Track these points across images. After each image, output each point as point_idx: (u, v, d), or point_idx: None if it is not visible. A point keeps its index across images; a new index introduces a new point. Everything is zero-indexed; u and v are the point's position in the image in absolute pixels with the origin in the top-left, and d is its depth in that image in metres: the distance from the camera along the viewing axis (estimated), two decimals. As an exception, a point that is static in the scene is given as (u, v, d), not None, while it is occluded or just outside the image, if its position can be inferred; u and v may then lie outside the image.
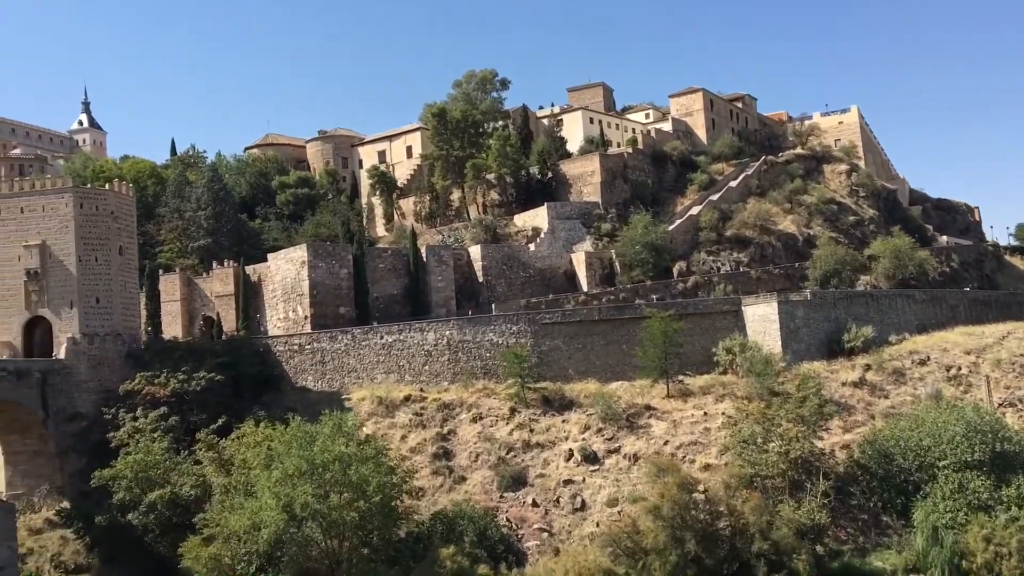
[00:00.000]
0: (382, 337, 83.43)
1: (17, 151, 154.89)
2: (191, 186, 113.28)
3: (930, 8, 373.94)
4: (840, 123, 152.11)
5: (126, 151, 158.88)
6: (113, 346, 78.46)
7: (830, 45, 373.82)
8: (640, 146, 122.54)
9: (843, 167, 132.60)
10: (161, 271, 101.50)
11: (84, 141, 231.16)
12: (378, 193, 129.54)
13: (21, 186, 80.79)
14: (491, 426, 75.07)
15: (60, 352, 75.96)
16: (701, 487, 59.72)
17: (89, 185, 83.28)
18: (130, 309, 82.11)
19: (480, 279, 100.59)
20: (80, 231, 77.44)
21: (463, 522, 61.87)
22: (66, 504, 71.41)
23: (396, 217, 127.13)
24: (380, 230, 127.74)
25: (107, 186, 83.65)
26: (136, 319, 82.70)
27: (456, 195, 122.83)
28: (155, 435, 69.98)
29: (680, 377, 76.85)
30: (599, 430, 72.61)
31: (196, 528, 60.64)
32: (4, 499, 65.96)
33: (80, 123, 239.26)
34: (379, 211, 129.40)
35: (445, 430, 75.38)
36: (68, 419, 74.49)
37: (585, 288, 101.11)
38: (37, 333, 79.20)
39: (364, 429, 68.07)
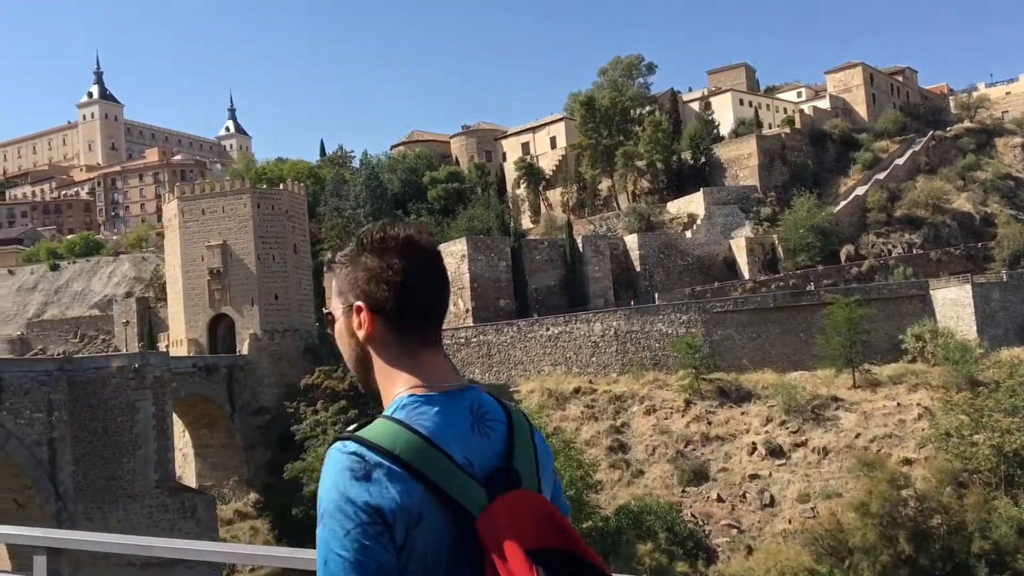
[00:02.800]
0: (548, 329, 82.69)
1: (178, 158, 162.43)
2: (348, 184, 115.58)
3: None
4: (1008, 93, 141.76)
5: (270, 154, 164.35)
6: (291, 341, 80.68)
7: (992, 10, 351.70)
8: (798, 125, 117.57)
9: (1018, 140, 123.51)
10: (324, 268, 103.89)
11: (232, 146, 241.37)
12: (524, 185, 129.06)
13: (202, 188, 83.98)
14: (666, 418, 73.23)
15: (243, 348, 78.59)
16: (913, 482, 56.20)
17: (266, 186, 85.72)
18: (305, 305, 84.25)
19: (637, 268, 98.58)
20: (258, 230, 79.90)
21: (650, 517, 60.40)
22: (254, 496, 73.81)
23: (543, 208, 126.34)
24: (526, 222, 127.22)
25: (280, 186, 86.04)
26: (310, 315, 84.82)
27: (605, 184, 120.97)
28: (336, 428, 71.38)
29: (866, 366, 72.96)
30: (782, 422, 69.71)
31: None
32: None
33: (227, 129, 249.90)
34: (525, 203, 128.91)
35: (618, 422, 74.03)
36: (253, 413, 76.98)
37: (746, 275, 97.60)
38: (220, 330, 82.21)
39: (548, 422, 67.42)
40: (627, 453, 71.22)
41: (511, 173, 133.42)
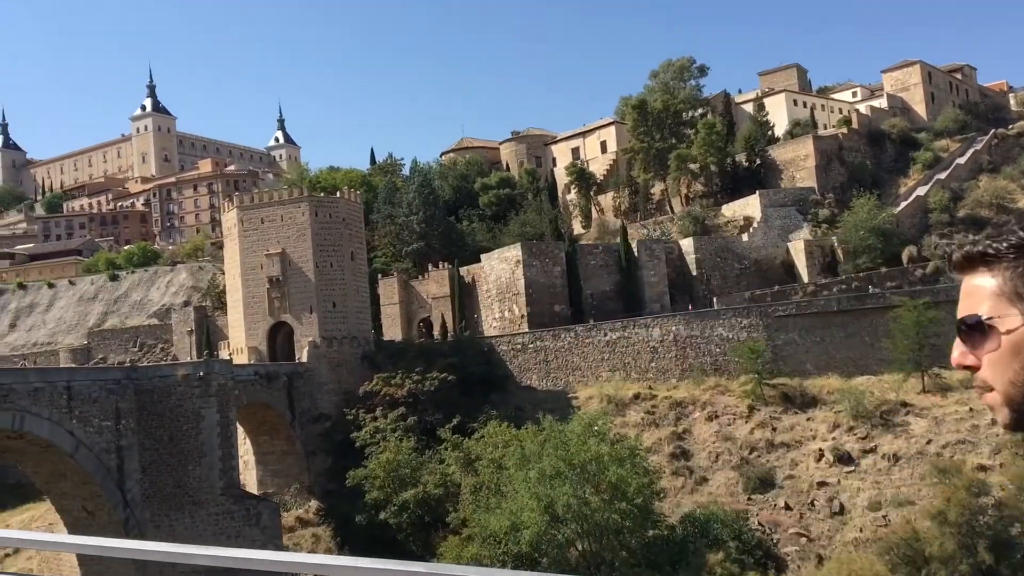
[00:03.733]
0: (605, 334, 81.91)
1: (231, 168, 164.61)
2: (400, 192, 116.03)
3: None
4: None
5: (319, 164, 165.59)
6: (349, 349, 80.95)
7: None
8: (855, 125, 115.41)
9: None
10: (379, 275, 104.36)
11: (281, 156, 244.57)
12: (575, 190, 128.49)
13: (260, 197, 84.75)
14: (729, 424, 71.98)
15: (302, 355, 79.01)
16: (991, 489, 54.44)
17: (323, 194, 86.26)
18: (362, 313, 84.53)
19: (694, 272, 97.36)
20: (316, 238, 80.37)
21: (716, 526, 59.32)
22: (315, 503, 74.06)
23: (595, 213, 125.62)
24: (577, 227, 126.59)
25: (337, 194, 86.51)
26: (367, 322, 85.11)
27: (658, 188, 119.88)
28: (396, 435, 71.41)
29: (935, 370, 70.95)
30: (850, 428, 68.03)
31: (447, 527, 61.22)
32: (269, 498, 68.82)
33: (276, 140, 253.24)
34: (576, 208, 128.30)
35: (680, 429, 72.92)
36: (312, 420, 77.34)
37: (805, 278, 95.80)
38: (279, 337, 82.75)
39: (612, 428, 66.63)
40: (689, 460, 70.11)
41: (561, 178, 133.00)
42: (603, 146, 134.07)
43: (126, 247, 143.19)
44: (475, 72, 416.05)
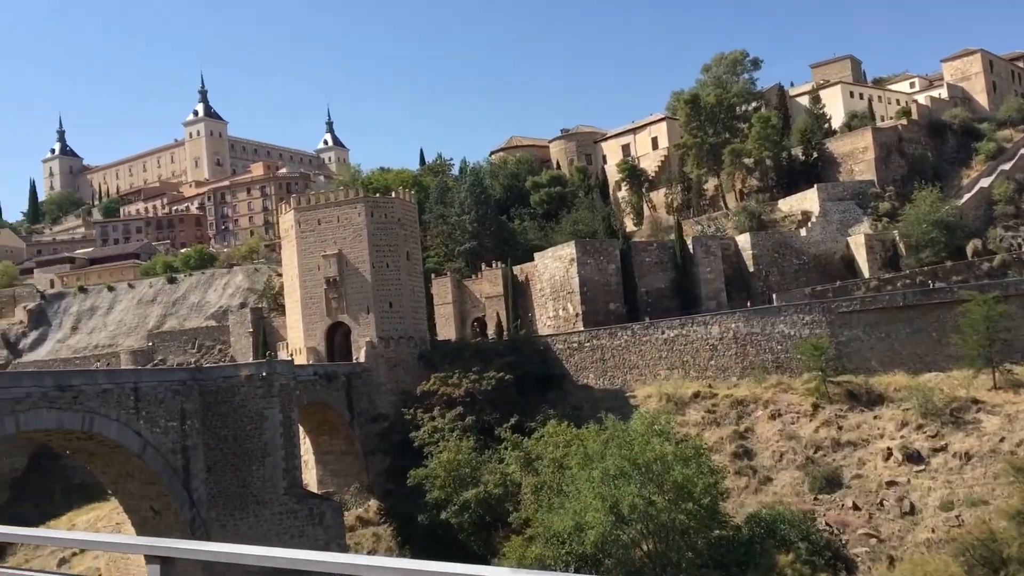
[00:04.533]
0: (663, 332, 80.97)
1: (283, 171, 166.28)
2: (452, 192, 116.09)
3: None
4: None
5: (367, 165, 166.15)
6: (406, 348, 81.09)
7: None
8: (914, 117, 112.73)
9: None
10: (432, 275, 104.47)
11: (330, 159, 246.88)
12: (625, 187, 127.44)
13: (317, 199, 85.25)
14: (792, 423, 70.60)
15: (360, 355, 79.29)
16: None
17: (378, 195, 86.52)
18: (418, 312, 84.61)
19: (751, 269, 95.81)
20: (372, 239, 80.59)
21: (783, 526, 58.15)
22: (374, 502, 74.27)
23: (647, 210, 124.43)
24: (629, 225, 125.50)
25: (392, 194, 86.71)
26: (423, 322, 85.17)
27: (711, 183, 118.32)
28: (454, 434, 71.28)
29: (1007, 366, 68.89)
30: (919, 426, 66.29)
31: (508, 527, 60.88)
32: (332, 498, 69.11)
33: (325, 142, 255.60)
34: (627, 205, 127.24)
35: (742, 428, 71.73)
36: (371, 420, 77.58)
37: (866, 273, 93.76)
38: (336, 338, 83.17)
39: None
40: (753, 459, 68.90)
41: (612, 175, 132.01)
42: (654, 142, 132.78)
43: (182, 250, 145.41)
44: (523, 71, 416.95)
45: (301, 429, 75.28)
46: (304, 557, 5.56)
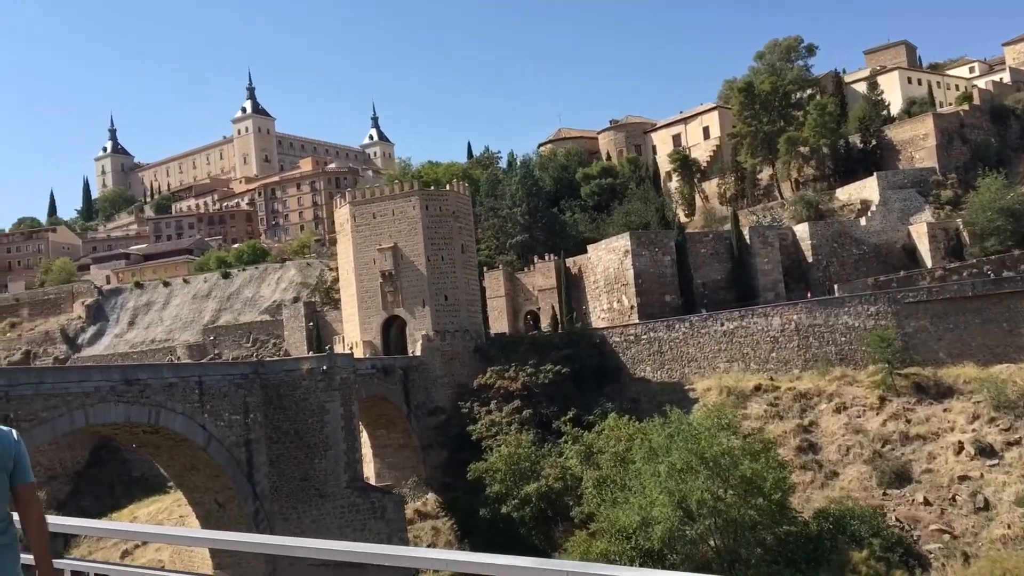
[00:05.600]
0: (722, 324, 79.61)
1: (332, 166, 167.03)
2: (502, 184, 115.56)
3: None
4: None
5: (413, 159, 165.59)
6: (462, 342, 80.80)
7: None
8: (976, 102, 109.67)
9: None
10: (484, 268, 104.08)
11: (375, 154, 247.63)
12: (676, 178, 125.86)
13: (372, 193, 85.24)
14: (858, 416, 68.97)
15: (416, 349, 79.18)
16: None
17: (432, 188, 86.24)
18: (473, 306, 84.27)
19: (809, 259, 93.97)
20: (427, 232, 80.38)
21: (853, 522, 56.79)
22: (432, 496, 74.13)
23: (699, 200, 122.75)
24: (680, 215, 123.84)
25: (447, 187, 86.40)
26: (479, 315, 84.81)
27: (766, 173, 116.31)
28: (512, 428, 70.87)
29: (1084, 357, 66.63)
30: (991, 419, 64.33)
31: (568, 521, 60.28)
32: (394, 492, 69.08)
33: (371, 137, 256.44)
34: (678, 196, 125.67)
35: (806, 421, 70.25)
36: (428, 413, 77.47)
37: (929, 262, 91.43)
38: (392, 331, 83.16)
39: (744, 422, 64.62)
40: (818, 453, 67.45)
41: (663, 166, 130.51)
42: (706, 132, 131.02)
43: (234, 246, 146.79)
44: (570, 63, 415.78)
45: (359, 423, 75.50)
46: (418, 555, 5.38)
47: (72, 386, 48.79)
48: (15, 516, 6.24)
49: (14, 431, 6.30)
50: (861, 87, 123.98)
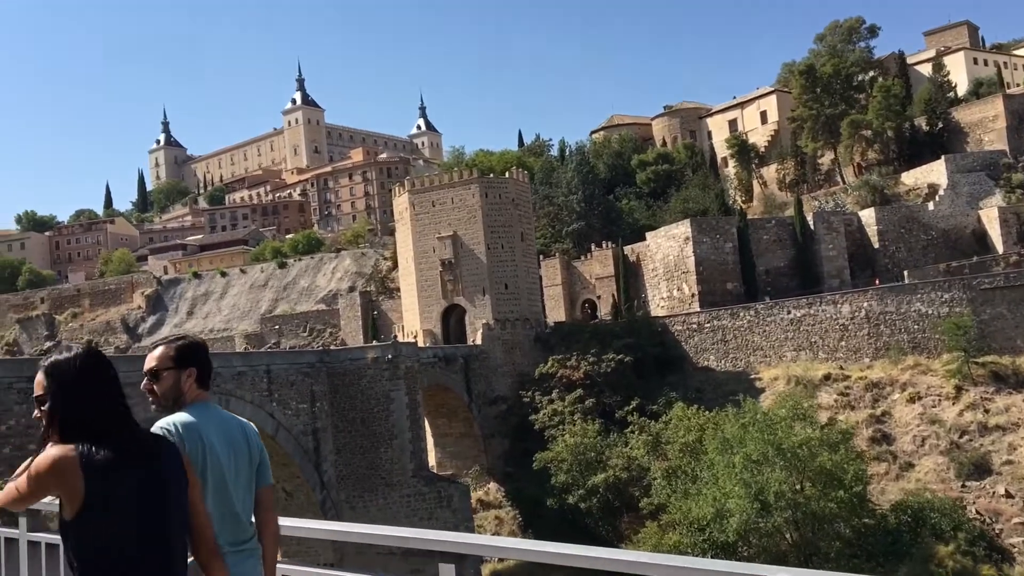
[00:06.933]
0: (788, 312, 77.89)
1: (383, 156, 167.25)
2: (557, 172, 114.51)
3: None
4: None
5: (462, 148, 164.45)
6: (522, 330, 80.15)
7: None
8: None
9: None
10: (540, 257, 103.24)
11: (423, 144, 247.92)
12: (733, 163, 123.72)
13: (431, 180, 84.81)
14: (934, 406, 66.98)
15: (476, 338, 78.69)
16: None
17: (492, 175, 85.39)
18: (533, 294, 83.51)
19: (875, 245, 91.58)
20: (486, 220, 79.71)
21: (933, 515, 55.06)
22: (493, 485, 73.70)
23: (756, 186, 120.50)
24: (737, 201, 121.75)
25: (506, 174, 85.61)
26: (539, 303, 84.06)
27: (827, 157, 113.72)
28: (574, 417, 70.08)
29: None
30: (1076, 410, 62.14)
31: (634, 511, 59.39)
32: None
33: (418, 127, 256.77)
34: (735, 181, 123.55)
35: (878, 411, 68.42)
36: (489, 402, 76.99)
37: (1000, 248, 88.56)
38: (451, 320, 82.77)
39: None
40: (892, 444, 65.66)
41: (719, 151, 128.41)
42: (763, 116, 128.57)
43: (288, 236, 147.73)
44: (620, 49, 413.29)
45: (420, 412, 75.26)
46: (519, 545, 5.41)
47: (146, 375, 48.96)
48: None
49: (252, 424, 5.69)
50: (923, 69, 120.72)
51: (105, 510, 4.21)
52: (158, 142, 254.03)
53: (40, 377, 4.54)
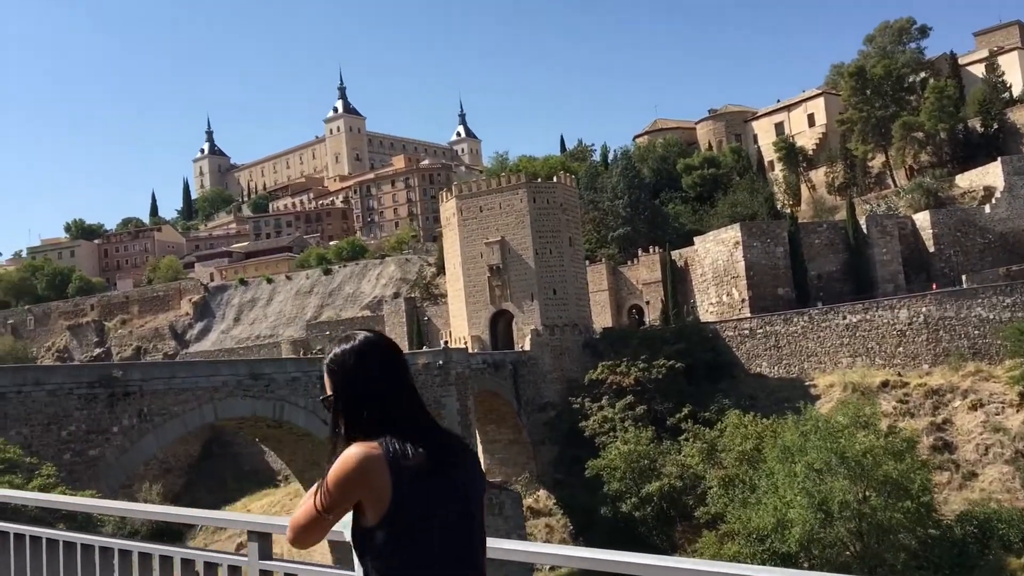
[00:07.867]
0: (844, 317, 76.35)
1: (425, 163, 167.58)
2: (602, 177, 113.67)
3: None
4: None
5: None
6: (571, 336, 79.42)
7: None
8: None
9: None
10: (586, 262, 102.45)
11: (463, 150, 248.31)
12: (780, 167, 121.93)
13: (479, 186, 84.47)
14: (997, 414, 65.11)
15: (524, 344, 78.11)
16: None
17: (540, 180, 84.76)
18: (582, 300, 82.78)
19: (931, 249, 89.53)
20: (534, 225, 79.17)
21: (1001, 525, 53.45)
22: (543, 492, 72.97)
23: (805, 190, 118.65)
24: (784, 204, 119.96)
25: (554, 179, 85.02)
26: (587, 309, 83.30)
27: (878, 160, 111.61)
28: (625, 424, 69.16)
29: None
30: None
31: (689, 520, 58.35)
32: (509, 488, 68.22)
33: (458, 134, 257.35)
34: (784, 184, 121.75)
35: (939, 419, 66.70)
36: (538, 409, 76.34)
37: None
38: (499, 326, 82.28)
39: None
40: (954, 453, 63.94)
41: (766, 155, 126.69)
42: (810, 119, 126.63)
43: (332, 243, 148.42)
44: (662, 53, 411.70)
45: (469, 418, 74.79)
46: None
47: (202, 380, 49.17)
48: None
49: None
50: (975, 69, 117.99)
51: (413, 514, 3.71)
52: (202, 151, 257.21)
53: (325, 378, 4.13)
